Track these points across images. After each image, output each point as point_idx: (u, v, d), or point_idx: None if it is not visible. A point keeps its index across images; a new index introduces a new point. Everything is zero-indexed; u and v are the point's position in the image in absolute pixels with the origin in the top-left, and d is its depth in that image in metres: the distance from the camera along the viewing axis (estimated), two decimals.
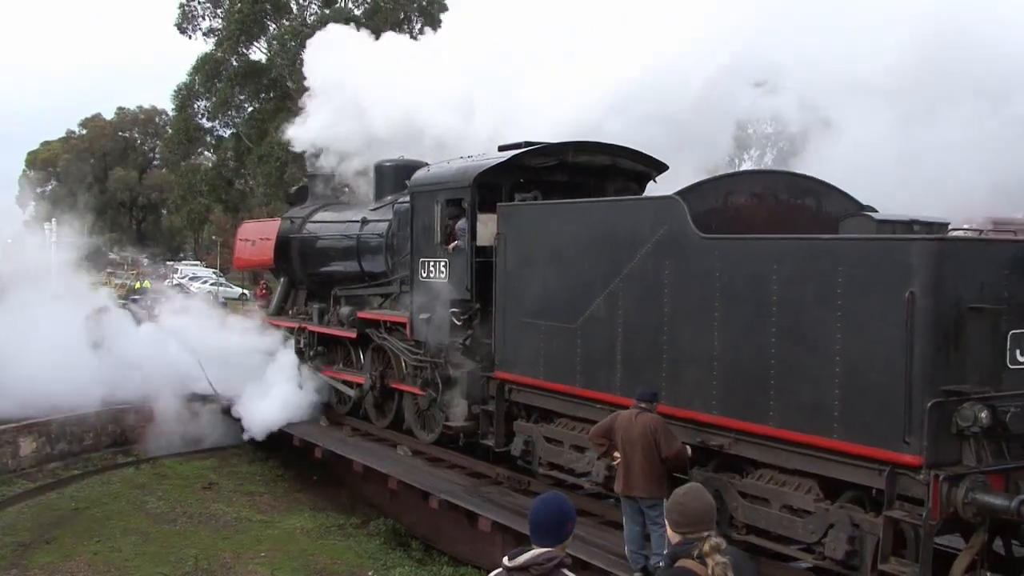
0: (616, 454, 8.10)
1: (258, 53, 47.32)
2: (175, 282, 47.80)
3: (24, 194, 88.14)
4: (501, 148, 11.41)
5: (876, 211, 9.16)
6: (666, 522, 4.11)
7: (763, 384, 7.60)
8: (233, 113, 49.04)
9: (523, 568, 3.84)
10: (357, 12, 47.26)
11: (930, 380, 6.65)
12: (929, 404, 6.56)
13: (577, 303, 9.31)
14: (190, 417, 15.30)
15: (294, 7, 47.15)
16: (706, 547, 3.88)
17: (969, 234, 7.44)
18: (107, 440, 15.69)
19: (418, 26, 46.84)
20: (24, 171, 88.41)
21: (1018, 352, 7.02)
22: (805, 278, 7.35)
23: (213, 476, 14.49)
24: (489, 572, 4.08)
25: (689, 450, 8.04)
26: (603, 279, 9.02)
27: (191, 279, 52.27)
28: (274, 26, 46.05)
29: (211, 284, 50.61)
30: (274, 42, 45.12)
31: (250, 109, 47.53)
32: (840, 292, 7.08)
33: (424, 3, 46.37)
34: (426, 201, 11.51)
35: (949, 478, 6.60)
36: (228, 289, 50.32)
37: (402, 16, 46.64)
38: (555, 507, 3.98)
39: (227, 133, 50.22)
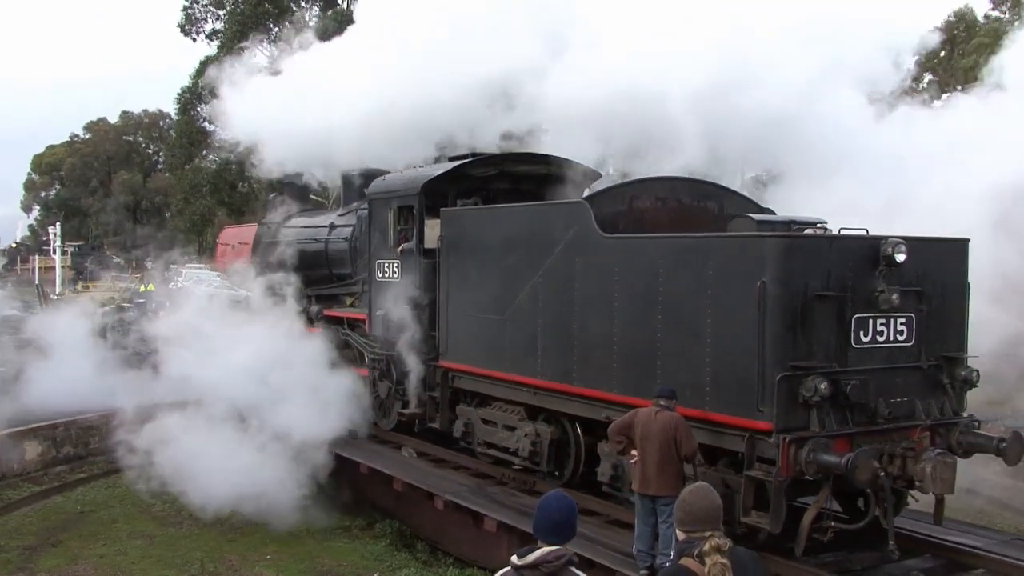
0: (634, 452, 8.38)
1: (261, 56, 48.91)
2: (179, 285, 49.38)
3: (29, 198, 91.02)
4: (451, 158, 12.82)
5: (774, 212, 10.53)
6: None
7: (652, 364, 8.98)
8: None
9: (533, 566, 3.99)
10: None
11: (779, 357, 7.96)
12: (778, 378, 7.90)
13: (506, 297, 10.73)
14: None
15: (295, 9, 48.77)
16: (707, 546, 4.02)
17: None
18: (112, 443, 15.91)
19: None
20: (29, 175, 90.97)
21: (861, 333, 8.34)
22: (684, 272, 8.72)
23: None
24: (495, 572, 4.25)
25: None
26: (526, 275, 10.43)
27: (196, 282, 53.71)
28: (276, 28, 47.64)
29: (215, 287, 51.86)
30: (275, 45, 46.74)
31: None
32: (710, 283, 8.45)
33: None
34: (381, 207, 12.98)
35: (795, 441, 7.90)
36: (233, 291, 51.65)
37: None
38: (564, 506, 4.15)
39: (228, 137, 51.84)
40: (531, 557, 4.00)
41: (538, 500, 4.29)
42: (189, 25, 48.42)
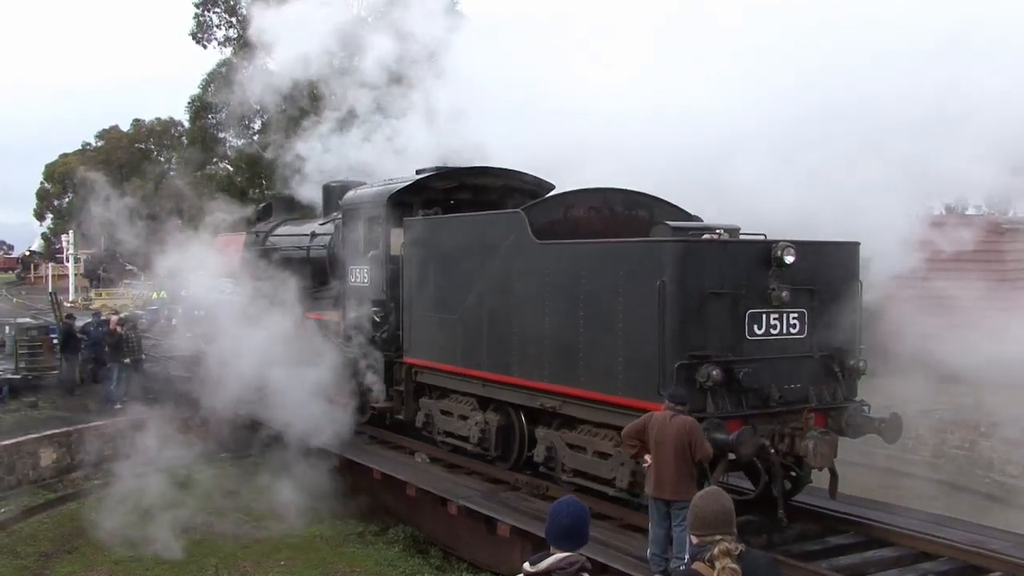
0: (647, 456, 8.78)
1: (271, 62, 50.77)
2: (190, 291, 51.21)
3: (42, 206, 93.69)
4: (418, 172, 14.33)
5: (701, 220, 11.92)
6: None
7: (575, 356, 10.44)
8: (247, 122, 52.75)
9: (546, 573, 4.09)
10: (370, 20, 50.80)
11: (678, 347, 9.37)
12: (676, 365, 9.32)
13: (457, 298, 12.25)
14: None
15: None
16: (716, 551, 4.15)
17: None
18: (126, 450, 16.11)
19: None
20: (42, 183, 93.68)
21: (755, 327, 9.74)
22: (601, 273, 10.16)
23: (232, 485, 15.46)
24: None
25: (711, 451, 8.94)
26: (474, 278, 11.95)
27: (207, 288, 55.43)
28: None
29: (228, 293, 53.46)
30: None
31: (265, 118, 50.87)
32: (622, 283, 9.88)
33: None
34: (353, 217, 14.55)
35: None
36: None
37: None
38: (575, 512, 4.27)
39: (239, 143, 53.91)
40: (543, 564, 4.11)
41: (550, 506, 4.45)
42: (201, 33, 50.32)
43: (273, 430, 15.62)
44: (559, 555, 4.14)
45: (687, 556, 6.71)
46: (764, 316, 9.78)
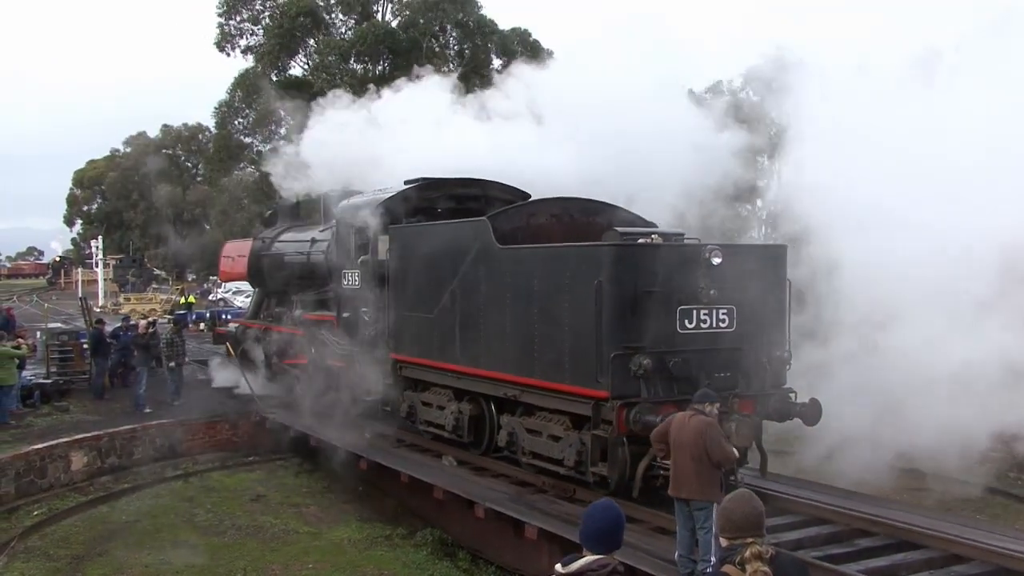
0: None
1: (297, 68, 53.19)
2: (219, 296, 53.70)
3: (72, 212, 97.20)
4: (406, 182, 16.04)
5: (656, 226, 13.47)
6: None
7: (530, 349, 12.08)
8: (273, 127, 55.12)
9: (578, 574, 4.20)
10: (394, 24, 52.99)
11: (614, 340, 10.94)
12: (611, 355, 10.89)
13: (434, 298, 13.95)
14: None
15: (327, 18, 52.83)
16: (747, 553, 4.23)
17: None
18: (155, 454, 17.68)
19: (454, 36, 52.38)
20: (71, 189, 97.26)
21: (686, 321, 11.29)
22: (551, 274, 11.79)
23: (260, 488, 16.25)
24: None
25: (736, 453, 9.51)
26: (448, 280, 13.64)
27: (234, 293, 57.90)
28: (312, 41, 51.71)
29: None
30: (314, 56, 50.97)
31: (291, 123, 53.04)
32: (568, 283, 11.50)
33: (461, 17, 51.53)
34: (346, 225, 16.31)
35: (625, 405, 10.88)
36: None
37: (437, 28, 52.05)
38: (612, 516, 4.38)
39: (266, 148, 56.28)
40: (575, 566, 4.23)
41: (585, 509, 4.60)
42: (225, 41, 52.69)
43: (299, 432, 17.18)
44: (591, 557, 4.27)
45: (712, 558, 7.40)
46: (695, 312, 11.30)
